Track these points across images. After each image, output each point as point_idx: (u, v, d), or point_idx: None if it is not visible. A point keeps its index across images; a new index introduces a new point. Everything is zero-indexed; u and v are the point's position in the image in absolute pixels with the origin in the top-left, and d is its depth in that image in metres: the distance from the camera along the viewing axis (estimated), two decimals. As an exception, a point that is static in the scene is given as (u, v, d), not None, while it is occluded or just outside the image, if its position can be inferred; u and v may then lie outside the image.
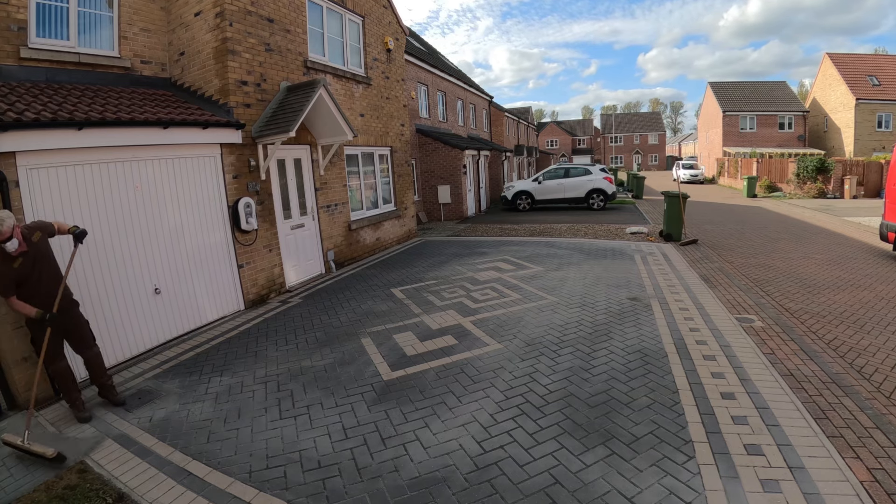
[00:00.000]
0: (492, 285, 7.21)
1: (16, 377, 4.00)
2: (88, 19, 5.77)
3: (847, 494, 2.54)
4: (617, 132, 69.54)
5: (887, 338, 4.84)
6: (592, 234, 11.93)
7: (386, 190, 11.21)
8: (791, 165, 23.27)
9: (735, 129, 36.69)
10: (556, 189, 18.59)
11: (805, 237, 11.21)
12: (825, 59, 33.72)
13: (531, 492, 2.71)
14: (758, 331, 5.06)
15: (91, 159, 4.73)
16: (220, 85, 6.41)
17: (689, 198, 11.13)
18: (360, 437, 3.38)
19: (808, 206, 17.98)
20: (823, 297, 6.33)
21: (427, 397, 3.88)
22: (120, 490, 2.95)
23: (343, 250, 9.10)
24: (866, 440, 3.05)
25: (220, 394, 4.18)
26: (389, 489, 2.80)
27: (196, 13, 6.43)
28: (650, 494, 2.63)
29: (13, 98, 4.45)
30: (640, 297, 6.31)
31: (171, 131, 5.40)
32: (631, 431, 3.23)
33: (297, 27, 7.77)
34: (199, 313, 5.99)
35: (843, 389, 3.74)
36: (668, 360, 4.29)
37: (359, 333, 5.48)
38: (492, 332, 5.23)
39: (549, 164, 41.25)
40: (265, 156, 6.90)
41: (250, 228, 6.59)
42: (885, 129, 30.01)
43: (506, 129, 30.90)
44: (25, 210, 4.16)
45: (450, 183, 16.52)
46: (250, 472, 3.06)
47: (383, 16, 10.75)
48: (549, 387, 3.92)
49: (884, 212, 8.68)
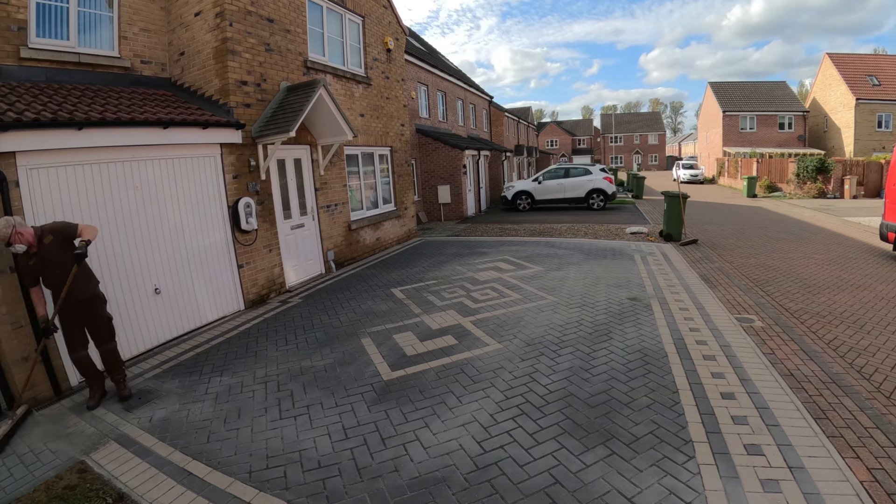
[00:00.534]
0: (492, 285, 7.21)
1: (16, 377, 4.00)
2: (88, 19, 5.77)
3: (847, 494, 2.54)
4: (617, 132, 69.53)
5: (887, 338, 4.84)
6: (592, 234, 11.93)
7: (386, 190, 11.21)
8: (791, 165, 23.27)
9: (735, 129, 36.69)
10: (556, 189, 18.59)
11: (805, 237, 11.21)
12: (825, 59, 33.72)
13: (531, 492, 2.71)
14: (758, 331, 5.06)
15: (91, 159, 4.74)
16: (220, 85, 6.41)
17: (689, 198, 11.13)
18: (360, 437, 3.38)
19: (808, 206, 17.98)
20: (823, 297, 6.33)
21: (427, 397, 3.88)
22: (120, 490, 2.95)
23: (343, 250, 9.10)
24: (866, 440, 3.05)
25: (220, 394, 4.18)
26: (389, 489, 2.80)
27: (196, 13, 6.43)
28: (650, 494, 2.63)
29: (13, 98, 4.45)
30: (640, 297, 6.31)
31: (171, 131, 5.40)
32: (631, 431, 3.23)
33: (297, 27, 7.77)
34: (199, 313, 5.99)
35: (843, 389, 3.74)
36: (668, 360, 4.28)
37: (359, 333, 5.48)
38: (492, 332, 5.23)
39: (549, 164, 41.25)
40: (265, 156, 6.90)
41: (250, 228, 6.59)
42: (885, 129, 30.01)
43: (506, 129, 30.90)
44: (25, 210, 4.16)
45: (450, 183, 16.53)
46: (250, 472, 3.06)
47: (383, 16, 10.75)
48: (549, 387, 3.92)
49: (884, 212, 8.68)
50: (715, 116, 38.64)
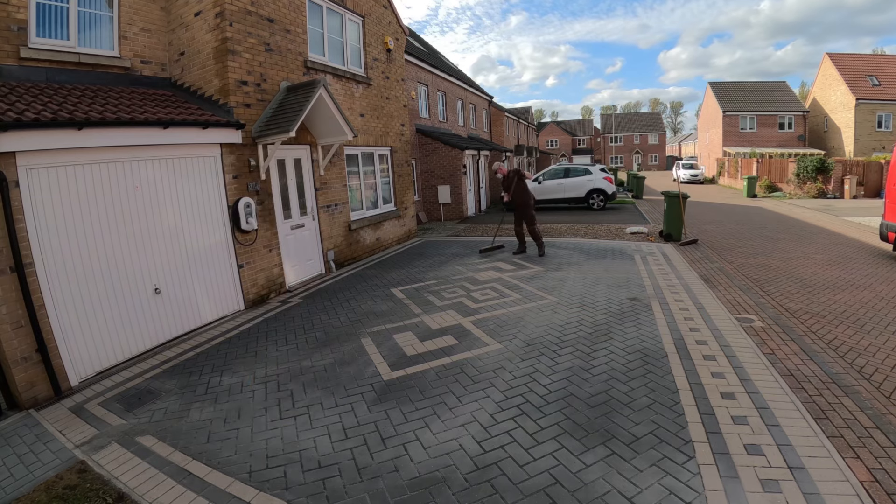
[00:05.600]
0: (492, 285, 7.20)
1: (16, 377, 4.00)
2: (88, 19, 5.77)
3: (847, 494, 2.54)
4: (617, 132, 69.53)
5: (887, 338, 4.84)
6: (592, 234, 11.93)
7: (386, 190, 11.20)
8: (791, 165, 23.26)
9: (735, 129, 36.68)
10: (556, 189, 18.59)
11: (805, 237, 11.21)
12: (825, 59, 33.72)
13: (531, 492, 2.71)
14: (758, 331, 5.06)
15: (91, 159, 4.74)
16: (220, 85, 6.41)
17: (689, 198, 11.13)
18: (360, 437, 3.38)
19: (808, 206, 17.97)
20: (823, 297, 6.33)
21: (427, 397, 3.88)
22: (120, 490, 2.95)
23: (343, 250, 9.10)
24: (866, 440, 3.05)
25: (220, 394, 4.18)
26: (389, 489, 2.80)
27: (196, 13, 6.43)
28: (650, 494, 2.62)
29: (13, 98, 4.45)
30: (640, 297, 6.31)
31: (171, 131, 5.40)
32: (631, 431, 3.22)
33: (297, 27, 7.77)
34: (199, 313, 5.99)
35: (843, 389, 3.74)
36: (668, 360, 4.28)
37: (359, 333, 5.48)
38: (492, 332, 5.23)
39: (549, 164, 41.23)
40: (265, 156, 6.90)
41: (250, 228, 6.59)
42: (884, 129, 30.00)
43: (506, 129, 30.90)
44: (25, 210, 4.16)
45: (450, 183, 16.52)
46: (250, 472, 3.06)
47: (383, 16, 10.75)
48: (549, 387, 3.92)
49: (884, 212, 8.67)
50: (715, 116, 38.64)
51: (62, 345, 4.38)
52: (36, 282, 4.20)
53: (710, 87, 39.90)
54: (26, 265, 4.11)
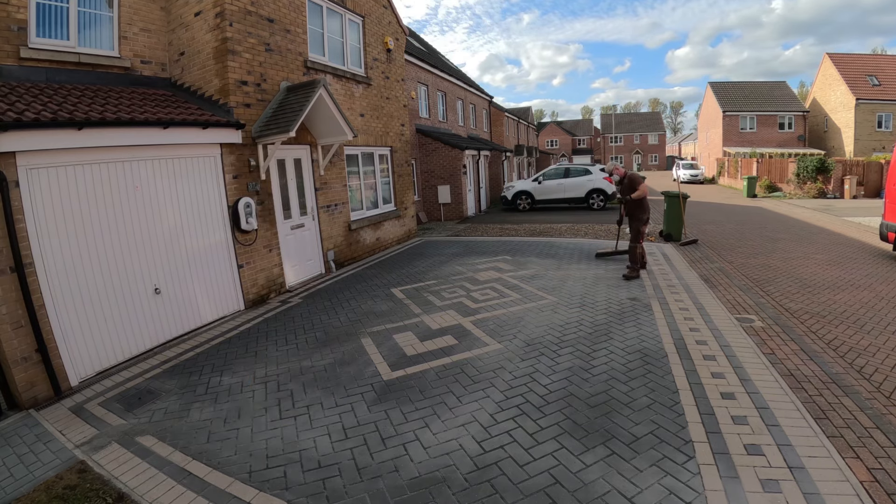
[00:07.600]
0: (492, 285, 7.20)
1: (16, 377, 4.00)
2: (88, 19, 5.77)
3: (847, 494, 2.54)
4: (617, 132, 69.51)
5: (887, 338, 4.84)
6: (592, 234, 11.92)
7: (386, 190, 11.20)
8: (791, 165, 23.26)
9: (735, 129, 36.67)
10: (556, 189, 18.60)
11: (805, 237, 11.20)
12: (825, 59, 33.71)
13: (531, 492, 2.71)
14: (758, 331, 5.06)
15: (91, 159, 4.74)
16: (220, 85, 6.41)
17: (689, 198, 11.13)
18: (360, 437, 3.38)
19: (808, 206, 17.97)
20: (823, 297, 6.33)
21: (427, 397, 3.88)
22: (120, 490, 2.95)
23: (343, 250, 9.10)
24: (866, 440, 3.05)
25: (220, 394, 4.18)
26: (389, 489, 2.80)
27: (196, 13, 6.43)
28: (650, 494, 2.62)
29: (13, 98, 4.45)
30: (639, 296, 6.31)
31: (171, 131, 5.40)
32: (631, 431, 3.22)
33: (297, 27, 7.77)
34: (199, 313, 5.98)
35: (843, 389, 3.74)
36: (668, 360, 4.28)
37: (359, 333, 5.48)
38: (492, 332, 5.23)
39: (549, 164, 41.23)
40: (265, 156, 6.90)
41: (250, 228, 6.59)
42: (885, 129, 29.98)
43: (506, 129, 30.90)
44: (25, 210, 4.16)
45: (450, 183, 16.53)
46: (250, 472, 3.06)
47: (383, 16, 10.75)
48: (549, 387, 3.92)
49: (884, 212, 8.67)
50: (715, 116, 38.63)
51: (62, 345, 4.38)
52: (36, 282, 4.20)
53: (710, 87, 39.90)
54: (26, 265, 4.11)
